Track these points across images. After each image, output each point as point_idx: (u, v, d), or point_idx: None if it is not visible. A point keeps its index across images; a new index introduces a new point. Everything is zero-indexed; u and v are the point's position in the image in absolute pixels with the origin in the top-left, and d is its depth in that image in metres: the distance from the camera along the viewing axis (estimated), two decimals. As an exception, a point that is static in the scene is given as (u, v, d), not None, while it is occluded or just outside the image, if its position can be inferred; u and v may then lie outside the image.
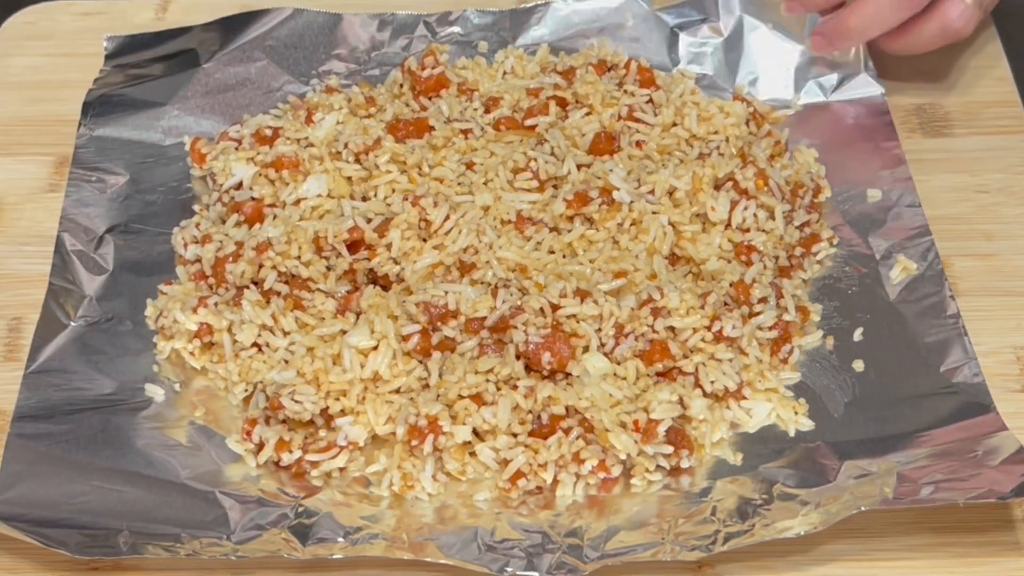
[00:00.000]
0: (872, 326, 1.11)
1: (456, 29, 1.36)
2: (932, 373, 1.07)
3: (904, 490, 0.97)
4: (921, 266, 1.14)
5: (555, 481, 1.03)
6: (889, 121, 1.26)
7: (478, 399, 1.04)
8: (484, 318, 1.07)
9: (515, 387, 1.04)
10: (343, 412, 1.05)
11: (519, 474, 1.02)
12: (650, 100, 1.23)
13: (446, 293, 1.08)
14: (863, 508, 0.96)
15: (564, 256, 1.12)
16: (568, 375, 1.06)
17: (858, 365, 1.09)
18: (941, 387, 1.06)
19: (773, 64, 1.31)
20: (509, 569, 0.96)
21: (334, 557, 0.97)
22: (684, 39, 1.34)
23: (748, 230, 1.15)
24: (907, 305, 1.12)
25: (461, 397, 1.04)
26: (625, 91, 1.24)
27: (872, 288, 1.14)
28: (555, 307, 1.07)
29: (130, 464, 1.03)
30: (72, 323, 1.12)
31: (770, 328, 1.09)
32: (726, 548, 0.96)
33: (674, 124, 1.22)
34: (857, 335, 1.11)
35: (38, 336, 1.10)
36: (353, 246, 1.13)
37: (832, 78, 1.30)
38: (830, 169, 1.23)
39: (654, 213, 1.14)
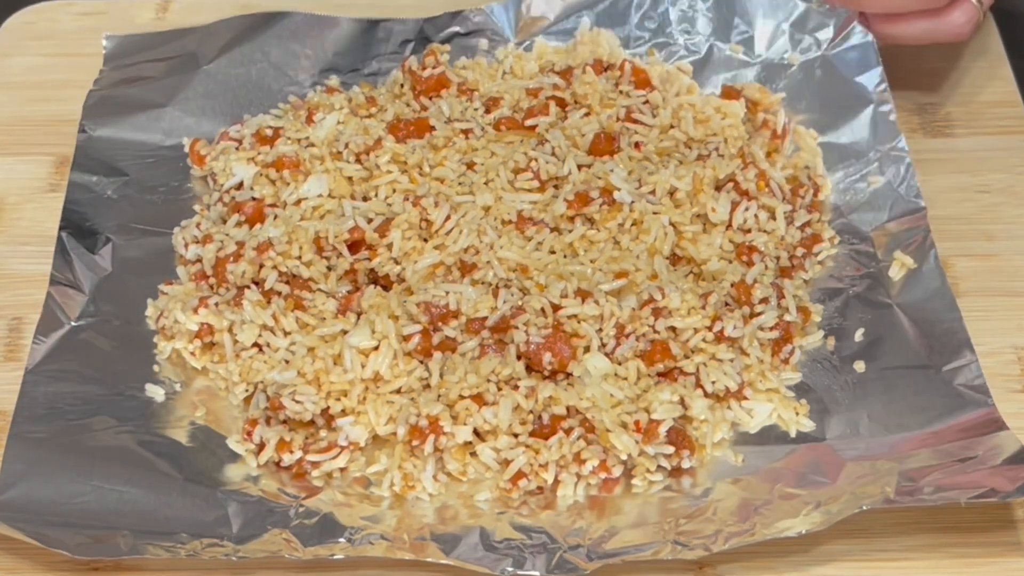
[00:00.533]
0: (873, 326, 1.11)
1: (456, 28, 1.35)
2: (933, 374, 1.07)
3: (905, 490, 0.97)
4: (922, 267, 1.14)
5: (556, 481, 1.03)
6: (883, 78, 1.25)
7: (479, 399, 1.04)
8: (485, 318, 1.07)
9: (516, 387, 1.04)
10: (344, 412, 1.05)
11: (520, 474, 1.02)
12: (647, 101, 1.23)
13: (447, 293, 1.08)
14: (864, 507, 0.96)
15: (565, 256, 1.12)
16: (569, 375, 1.06)
17: (859, 365, 1.09)
18: (942, 387, 1.06)
19: (767, 20, 1.30)
20: (510, 569, 0.96)
21: (335, 557, 0.97)
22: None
23: (749, 230, 1.15)
24: (908, 305, 1.12)
25: (462, 397, 1.04)
26: (621, 92, 1.24)
27: (873, 288, 1.14)
28: (556, 307, 1.07)
29: (130, 464, 1.03)
30: (72, 323, 1.12)
31: (771, 328, 1.09)
32: (727, 547, 0.96)
33: (671, 126, 1.22)
34: (858, 335, 1.11)
35: (38, 336, 1.10)
36: (354, 246, 1.13)
37: (828, 31, 1.28)
38: (827, 150, 1.23)
39: (655, 213, 1.14)
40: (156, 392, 1.09)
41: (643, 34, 1.31)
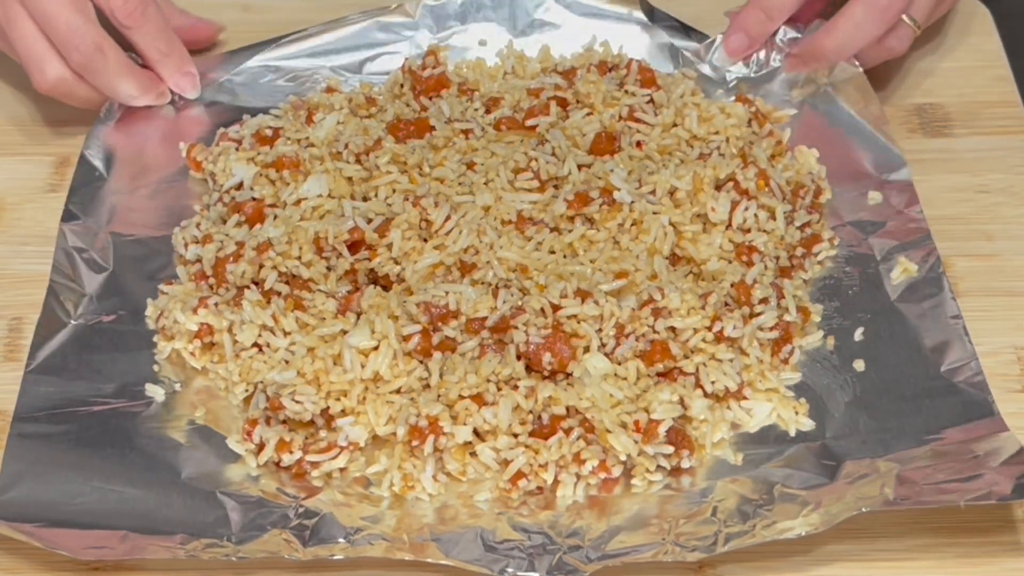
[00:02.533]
0: (873, 326, 1.11)
1: (456, 25, 1.35)
2: (933, 373, 1.07)
3: (905, 491, 0.97)
4: (922, 268, 1.14)
5: (556, 481, 1.03)
6: (882, 113, 1.26)
7: (479, 399, 1.03)
8: (485, 318, 1.07)
9: (516, 387, 1.04)
10: (344, 412, 1.05)
11: (520, 474, 1.02)
12: (651, 100, 1.24)
13: (447, 293, 1.08)
14: (864, 509, 0.96)
15: (565, 256, 1.12)
16: (569, 375, 1.06)
17: (859, 365, 1.09)
18: (942, 387, 1.06)
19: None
20: (510, 570, 0.96)
21: (335, 558, 0.97)
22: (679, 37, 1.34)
23: (749, 230, 1.15)
24: (908, 305, 1.12)
25: (462, 397, 1.04)
26: (626, 91, 1.24)
27: (873, 288, 1.14)
28: (556, 307, 1.07)
29: (130, 464, 1.03)
30: (72, 322, 1.12)
31: (771, 328, 1.09)
32: (727, 549, 0.96)
33: (674, 124, 1.22)
34: (858, 335, 1.11)
35: (38, 335, 1.10)
36: (354, 246, 1.13)
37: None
38: (831, 169, 1.23)
39: (655, 213, 1.14)
40: (156, 392, 1.09)
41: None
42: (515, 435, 1.03)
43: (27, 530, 0.97)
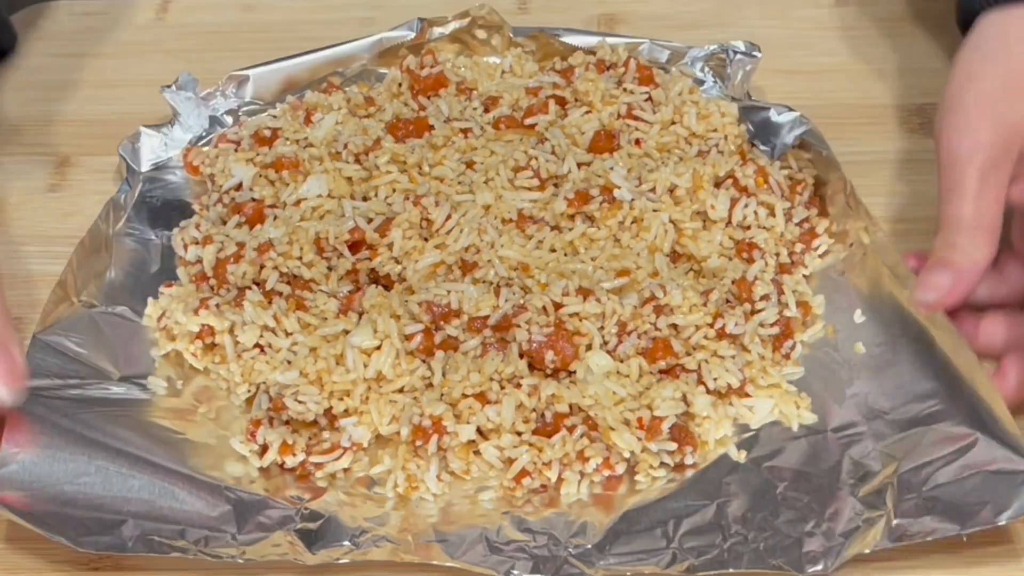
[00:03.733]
0: (873, 319, 1.11)
1: (456, 24, 1.35)
2: (935, 369, 1.07)
3: (906, 508, 0.97)
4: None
5: (559, 479, 1.03)
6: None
7: (482, 398, 1.04)
8: (487, 317, 1.07)
9: (519, 386, 1.04)
10: (347, 412, 1.05)
11: (524, 472, 1.02)
12: (649, 98, 1.24)
13: (448, 292, 1.08)
14: (867, 551, 0.96)
15: (566, 254, 1.13)
16: (571, 373, 1.06)
17: (860, 359, 1.08)
18: (944, 382, 1.06)
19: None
20: (515, 571, 0.96)
21: (340, 562, 0.97)
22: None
23: (749, 227, 1.15)
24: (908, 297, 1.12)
25: (465, 396, 1.04)
26: (624, 89, 1.24)
27: (873, 282, 1.14)
28: (557, 305, 1.07)
29: (134, 449, 1.02)
30: (80, 302, 1.11)
31: (772, 324, 1.09)
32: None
33: (673, 122, 1.23)
34: (858, 329, 1.11)
35: (46, 311, 1.09)
36: (354, 246, 1.13)
37: None
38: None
39: (655, 211, 1.14)
40: (158, 385, 1.08)
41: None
42: (518, 433, 1.04)
43: (27, 516, 0.96)
